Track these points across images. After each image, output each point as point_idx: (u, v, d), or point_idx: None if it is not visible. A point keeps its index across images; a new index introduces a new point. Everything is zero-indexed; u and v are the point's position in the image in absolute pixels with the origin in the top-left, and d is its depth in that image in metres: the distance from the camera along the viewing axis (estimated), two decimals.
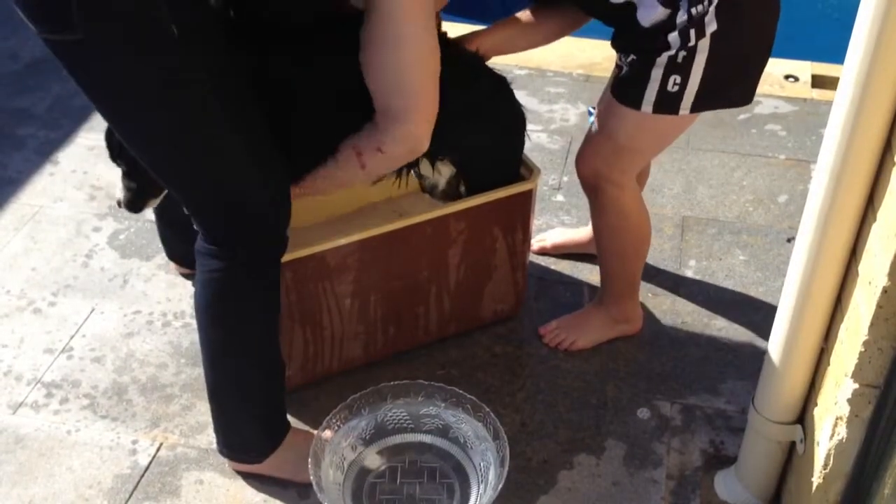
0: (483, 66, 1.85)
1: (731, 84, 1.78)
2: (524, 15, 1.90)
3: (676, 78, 1.71)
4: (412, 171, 1.88)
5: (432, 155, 1.81)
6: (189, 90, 1.39)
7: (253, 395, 1.73)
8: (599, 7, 1.74)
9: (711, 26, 1.66)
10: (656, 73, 1.72)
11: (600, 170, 1.90)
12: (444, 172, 1.92)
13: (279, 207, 1.59)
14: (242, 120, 1.50)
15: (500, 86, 1.87)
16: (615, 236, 1.99)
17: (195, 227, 1.58)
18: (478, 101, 1.82)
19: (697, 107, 1.75)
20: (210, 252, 1.57)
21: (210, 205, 1.54)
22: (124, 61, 1.33)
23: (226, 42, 1.49)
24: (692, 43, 1.67)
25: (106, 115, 1.44)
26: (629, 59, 1.76)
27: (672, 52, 1.69)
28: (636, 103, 1.76)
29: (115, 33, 1.30)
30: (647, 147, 1.91)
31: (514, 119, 1.92)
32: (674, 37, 1.67)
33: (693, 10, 1.64)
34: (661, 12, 1.66)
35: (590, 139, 1.92)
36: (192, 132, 1.43)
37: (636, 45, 1.74)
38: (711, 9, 1.65)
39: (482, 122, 1.85)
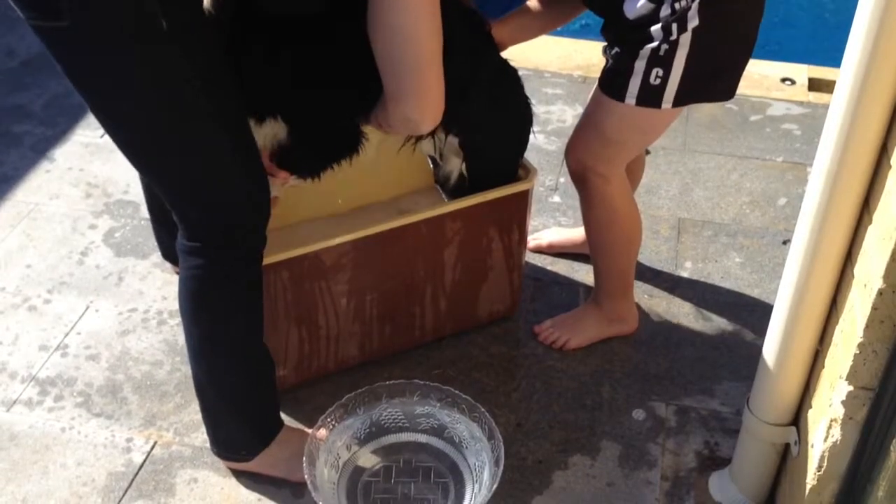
0: (495, 48, 1.85)
1: (713, 79, 1.79)
2: (532, 3, 1.94)
3: (659, 71, 1.73)
4: (429, 160, 1.89)
5: (443, 126, 1.77)
6: (175, 85, 1.39)
7: (237, 393, 1.72)
8: None
9: (693, 21, 1.67)
10: (639, 66, 1.73)
11: (586, 161, 1.91)
12: (455, 163, 1.92)
13: (260, 206, 1.59)
14: (228, 119, 1.49)
15: (509, 72, 1.87)
16: (604, 230, 2.00)
17: (176, 223, 1.57)
18: (488, 80, 1.81)
19: (680, 101, 1.77)
20: (190, 249, 1.57)
21: (191, 201, 1.53)
22: (111, 51, 1.32)
23: (219, 41, 1.48)
24: (674, 37, 1.69)
25: (90, 105, 1.43)
26: (613, 51, 1.79)
27: (654, 44, 1.70)
28: (620, 95, 1.78)
29: (103, 22, 1.30)
30: (631, 140, 1.92)
31: (522, 109, 1.91)
32: (656, 30, 1.69)
33: (676, 5, 1.66)
34: (645, 5, 1.68)
35: (578, 130, 1.94)
36: (176, 127, 1.42)
37: (621, 36, 1.76)
38: (694, 5, 1.66)
39: (490, 103, 1.84)
